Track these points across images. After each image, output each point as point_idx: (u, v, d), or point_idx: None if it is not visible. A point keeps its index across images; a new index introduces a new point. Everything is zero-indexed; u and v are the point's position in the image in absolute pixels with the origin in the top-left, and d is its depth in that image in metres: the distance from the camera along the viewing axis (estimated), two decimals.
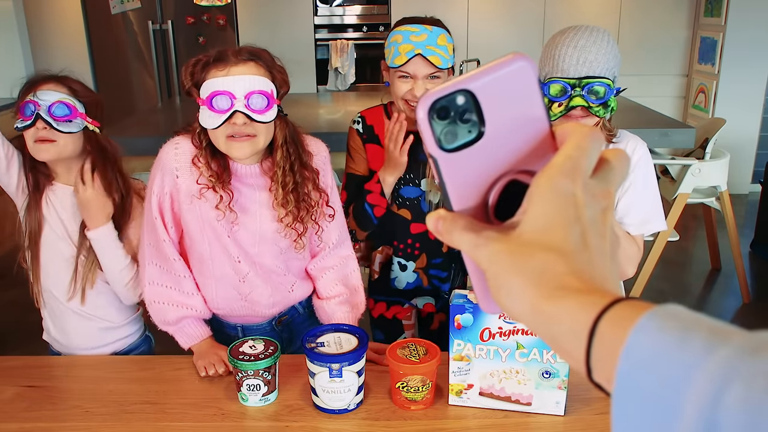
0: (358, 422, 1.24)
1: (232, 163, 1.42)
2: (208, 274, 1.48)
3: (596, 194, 0.39)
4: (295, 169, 1.43)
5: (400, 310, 1.85)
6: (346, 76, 5.13)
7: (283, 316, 1.58)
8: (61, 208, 1.54)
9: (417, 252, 1.75)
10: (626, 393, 0.33)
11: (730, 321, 2.78)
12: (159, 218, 1.43)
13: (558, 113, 1.41)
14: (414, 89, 1.57)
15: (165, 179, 1.42)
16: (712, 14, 4.84)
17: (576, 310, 0.36)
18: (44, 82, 1.48)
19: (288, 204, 1.42)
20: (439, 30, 1.57)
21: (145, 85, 5.16)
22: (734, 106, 4.79)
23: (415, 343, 1.30)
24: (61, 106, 1.45)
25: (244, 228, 1.44)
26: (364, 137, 1.72)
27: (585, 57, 1.38)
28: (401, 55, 1.54)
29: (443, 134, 0.40)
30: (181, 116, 3.62)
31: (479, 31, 4.95)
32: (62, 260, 1.55)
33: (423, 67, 1.55)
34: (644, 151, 1.50)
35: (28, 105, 1.45)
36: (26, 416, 1.26)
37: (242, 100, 1.32)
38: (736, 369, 0.29)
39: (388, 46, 1.60)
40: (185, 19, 4.99)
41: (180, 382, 1.38)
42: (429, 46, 1.53)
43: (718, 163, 3.20)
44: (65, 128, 1.46)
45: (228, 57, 1.34)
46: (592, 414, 1.23)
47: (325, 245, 1.55)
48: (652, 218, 1.50)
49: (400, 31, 1.57)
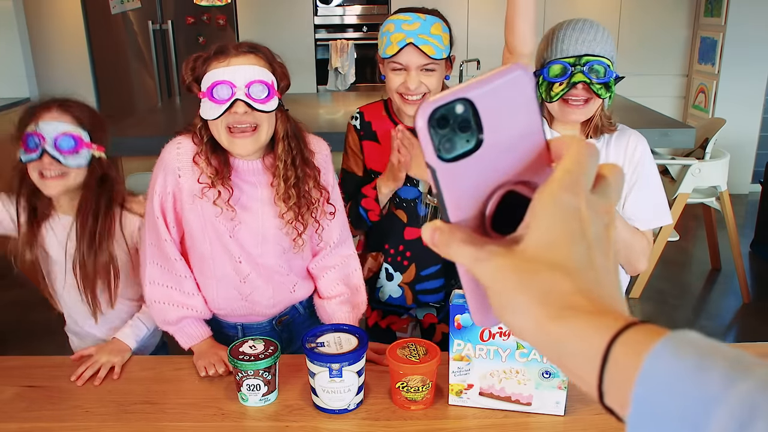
0: (358, 422, 1.24)
1: (233, 160, 1.42)
2: (209, 274, 1.48)
3: (599, 210, 0.39)
4: (296, 164, 1.42)
5: (396, 321, 1.80)
6: (346, 76, 5.13)
7: (284, 315, 1.58)
8: (63, 237, 1.52)
9: (406, 262, 1.70)
10: (642, 419, 0.32)
11: (730, 321, 2.77)
12: (161, 218, 1.43)
13: (559, 92, 1.41)
14: (407, 81, 1.51)
15: (167, 179, 1.42)
16: (712, 14, 4.84)
17: (587, 333, 0.35)
18: (46, 109, 1.44)
19: (290, 199, 1.41)
20: (433, 19, 1.50)
21: (145, 85, 5.16)
22: (734, 106, 4.79)
23: (415, 343, 1.30)
24: (67, 139, 1.41)
25: (246, 227, 1.43)
26: (361, 134, 1.69)
27: (584, 37, 1.39)
28: (392, 45, 1.49)
29: (442, 144, 0.40)
30: (182, 116, 3.62)
31: (479, 31, 4.95)
32: (71, 287, 1.55)
33: (416, 58, 1.49)
34: (645, 147, 1.51)
35: (31, 137, 1.40)
36: (26, 416, 1.26)
37: (243, 89, 1.32)
38: (760, 405, 0.29)
39: (381, 36, 1.55)
40: (185, 19, 4.99)
41: (180, 382, 1.38)
42: (421, 35, 1.47)
43: (718, 163, 3.20)
44: (73, 161, 1.43)
45: (228, 50, 1.35)
46: (592, 414, 1.23)
47: (326, 244, 1.54)
48: (659, 212, 1.51)
49: (392, 20, 1.52)
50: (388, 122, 1.66)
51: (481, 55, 4.14)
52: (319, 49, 5.13)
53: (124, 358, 1.45)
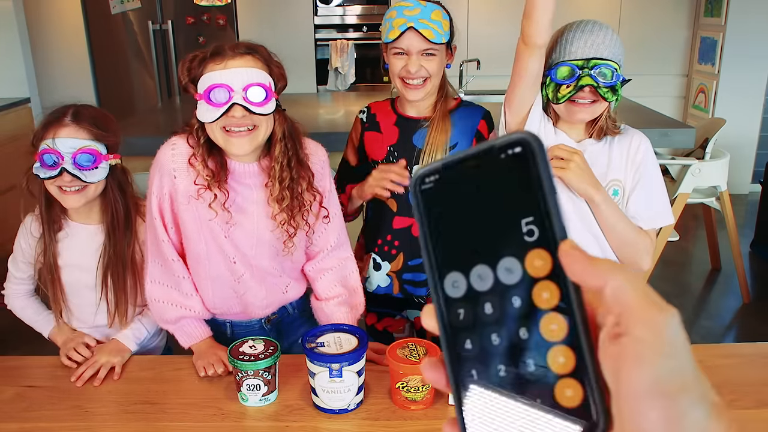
0: (358, 422, 1.24)
1: (229, 162, 1.41)
2: (204, 274, 1.48)
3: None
4: (292, 165, 1.42)
5: (392, 323, 1.82)
6: (346, 76, 5.13)
7: (273, 315, 1.58)
8: (79, 244, 1.52)
9: (394, 251, 1.72)
10: None
11: (730, 321, 2.77)
12: (159, 219, 1.43)
13: (566, 94, 1.41)
14: (408, 65, 1.56)
15: (163, 180, 1.42)
16: (712, 14, 4.84)
17: None
18: (59, 123, 1.42)
19: (283, 200, 1.40)
20: (433, 5, 1.57)
21: (145, 85, 5.16)
22: (734, 106, 4.79)
23: (415, 343, 1.30)
24: (85, 156, 1.41)
25: (241, 229, 1.43)
26: (366, 125, 1.74)
27: (593, 40, 1.39)
28: (394, 29, 1.54)
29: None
30: (181, 116, 3.62)
31: (479, 31, 4.95)
32: (87, 293, 1.54)
33: (416, 42, 1.54)
34: (648, 147, 1.52)
35: (49, 155, 1.39)
36: (26, 416, 1.26)
37: (240, 92, 1.31)
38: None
39: (383, 23, 1.61)
40: (185, 19, 4.99)
41: (180, 382, 1.38)
42: (422, 20, 1.53)
43: (718, 163, 3.20)
44: (93, 177, 1.43)
45: (225, 51, 1.34)
46: None
47: (323, 248, 1.55)
48: (661, 212, 1.53)
49: (395, 6, 1.59)
50: (392, 114, 1.71)
51: (481, 55, 4.14)
52: (319, 49, 5.12)
53: (124, 359, 1.45)
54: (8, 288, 1.61)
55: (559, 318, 0.33)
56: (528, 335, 0.33)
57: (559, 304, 0.33)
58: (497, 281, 0.34)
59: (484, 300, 0.35)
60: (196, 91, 1.36)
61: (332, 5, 5.06)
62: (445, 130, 1.62)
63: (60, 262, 1.53)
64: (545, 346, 0.33)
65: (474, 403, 0.35)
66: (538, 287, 0.33)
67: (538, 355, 0.33)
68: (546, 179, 0.33)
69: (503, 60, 5.09)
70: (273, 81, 1.37)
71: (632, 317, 0.30)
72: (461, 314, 0.36)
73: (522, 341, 0.34)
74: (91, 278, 1.52)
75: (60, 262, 1.53)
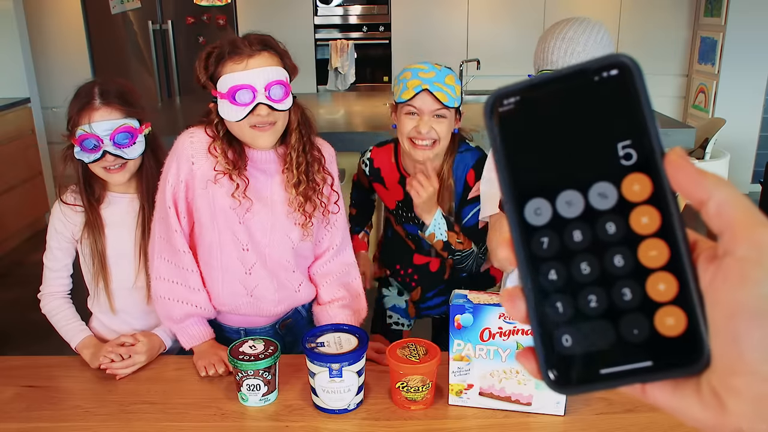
0: (358, 422, 1.24)
1: (248, 150, 1.45)
2: (216, 264, 1.48)
3: None
4: (306, 150, 1.47)
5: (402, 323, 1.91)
6: (346, 76, 5.13)
7: (287, 319, 1.58)
8: (120, 212, 1.56)
9: (414, 284, 1.81)
10: None
11: None
12: (172, 208, 1.45)
13: None
14: (419, 125, 1.58)
15: (181, 167, 1.44)
16: (712, 14, 4.84)
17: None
18: (91, 108, 1.46)
19: (300, 184, 1.45)
20: (447, 70, 1.61)
21: (145, 85, 5.15)
22: (734, 106, 4.78)
23: (415, 343, 1.30)
24: (122, 134, 1.47)
25: (256, 214, 1.45)
26: (370, 178, 1.80)
27: (573, 48, 1.40)
28: (409, 90, 1.57)
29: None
30: (181, 116, 3.62)
31: (479, 31, 4.95)
32: (124, 259, 1.56)
33: (429, 103, 1.57)
34: None
35: (89, 140, 1.44)
36: (26, 416, 1.26)
37: (263, 92, 1.37)
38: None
39: (396, 84, 1.64)
40: (185, 19, 4.99)
41: (180, 382, 1.38)
42: (437, 83, 1.56)
43: (718, 163, 3.20)
44: (133, 153, 1.49)
45: (242, 49, 1.38)
46: (592, 414, 1.23)
47: (329, 246, 1.57)
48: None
49: (409, 68, 1.62)
50: (395, 172, 1.75)
51: (481, 55, 4.14)
52: (319, 49, 5.13)
53: (154, 356, 1.47)
54: (45, 288, 1.60)
55: (660, 243, 0.32)
56: (624, 262, 0.32)
57: (659, 230, 0.32)
58: (588, 207, 0.33)
59: (572, 227, 0.33)
60: (214, 88, 1.40)
61: (332, 5, 5.06)
62: (449, 192, 1.66)
63: (108, 245, 1.55)
64: (644, 273, 0.32)
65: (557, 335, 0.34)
66: (636, 212, 0.32)
67: (635, 283, 0.32)
68: (645, 102, 0.32)
69: (503, 60, 5.12)
70: (288, 75, 1.43)
71: (737, 235, 0.30)
72: (544, 243, 0.34)
73: (617, 269, 0.32)
74: (130, 247, 1.55)
75: (108, 245, 1.55)
